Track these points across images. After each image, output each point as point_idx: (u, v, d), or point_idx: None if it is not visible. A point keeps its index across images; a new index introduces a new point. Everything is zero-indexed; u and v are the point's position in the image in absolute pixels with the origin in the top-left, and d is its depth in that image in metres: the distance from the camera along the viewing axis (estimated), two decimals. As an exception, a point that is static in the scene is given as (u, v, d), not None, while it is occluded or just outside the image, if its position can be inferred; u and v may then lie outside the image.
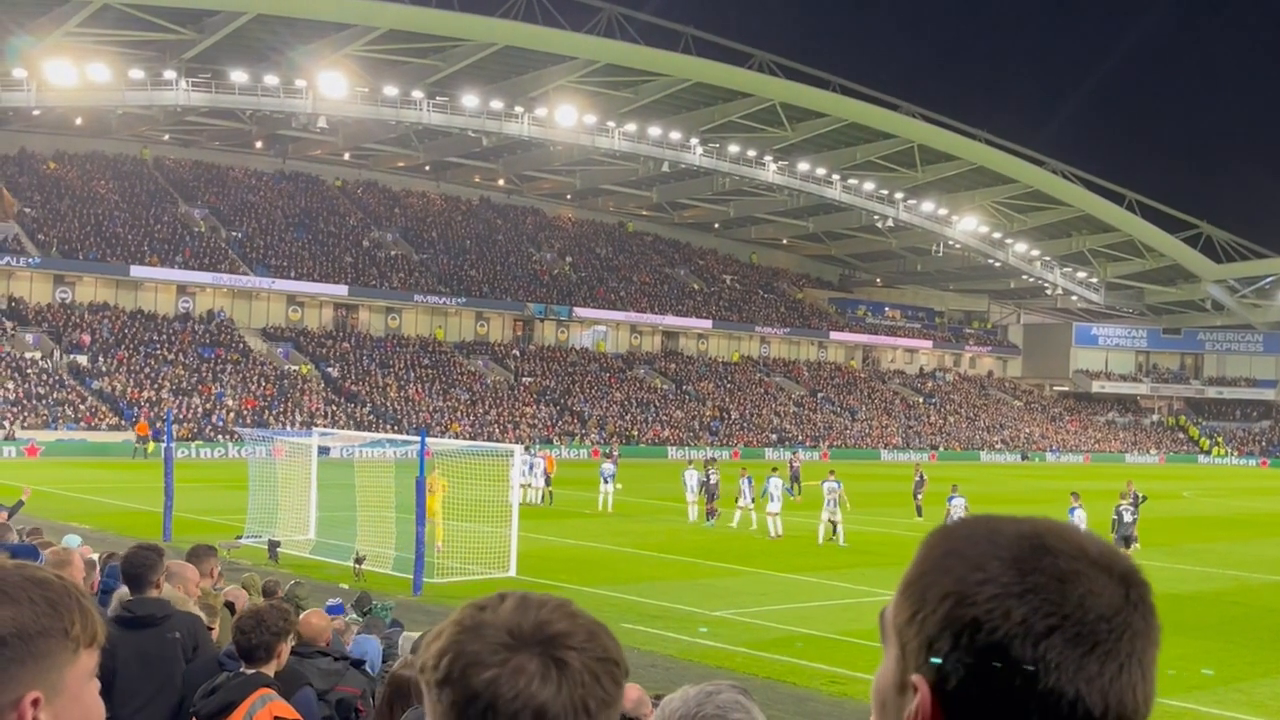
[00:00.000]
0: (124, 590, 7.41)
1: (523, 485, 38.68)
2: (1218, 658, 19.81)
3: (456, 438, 59.28)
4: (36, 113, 70.91)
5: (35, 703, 1.58)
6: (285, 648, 6.00)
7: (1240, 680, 18.37)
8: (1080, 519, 29.29)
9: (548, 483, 41.79)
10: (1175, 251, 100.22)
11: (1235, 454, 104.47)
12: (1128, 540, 29.55)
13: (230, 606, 8.63)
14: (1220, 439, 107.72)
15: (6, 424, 57.49)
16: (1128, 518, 29.94)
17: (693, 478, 37.68)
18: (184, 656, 6.66)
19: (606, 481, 40.02)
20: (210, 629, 7.43)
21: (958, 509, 31.30)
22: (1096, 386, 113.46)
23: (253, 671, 5.81)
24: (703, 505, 37.02)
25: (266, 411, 65.39)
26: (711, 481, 37.04)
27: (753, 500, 35.49)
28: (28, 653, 1.58)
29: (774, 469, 36.34)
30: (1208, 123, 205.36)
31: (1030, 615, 1.27)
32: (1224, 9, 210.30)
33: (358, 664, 8.19)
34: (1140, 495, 33.82)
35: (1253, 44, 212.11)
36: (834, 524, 32.53)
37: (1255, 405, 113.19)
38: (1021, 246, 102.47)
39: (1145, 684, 1.31)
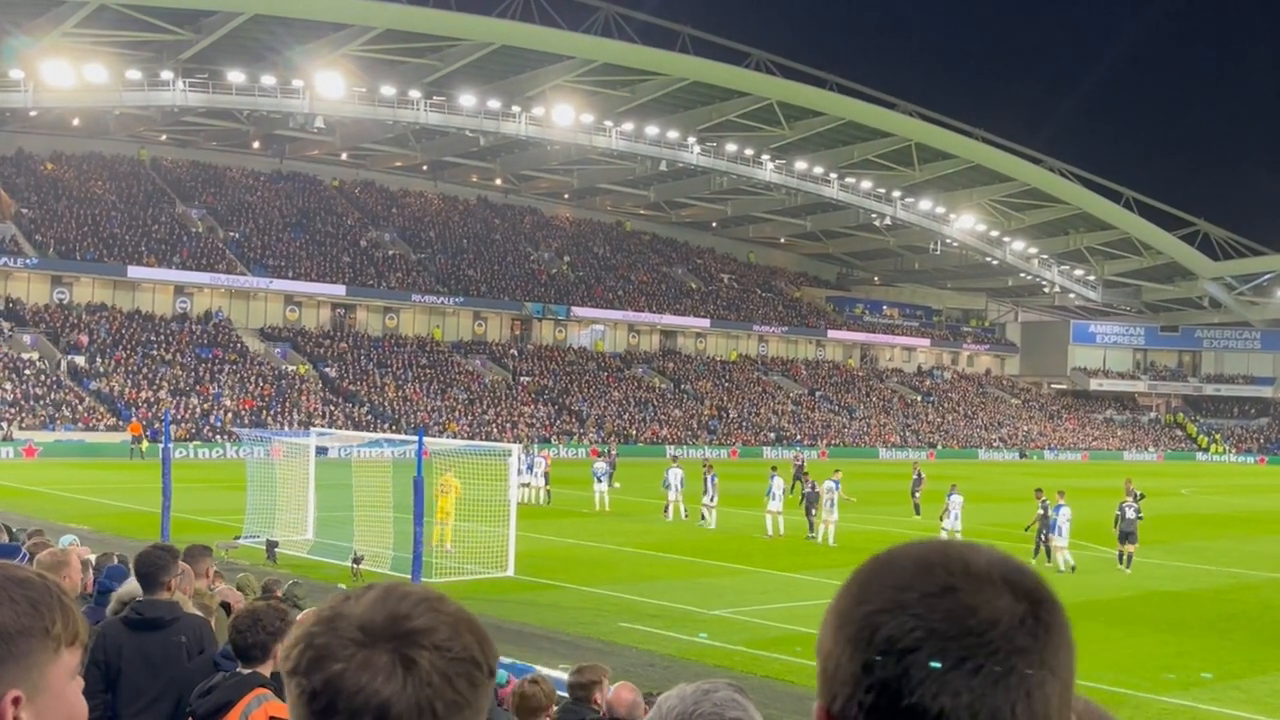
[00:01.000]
0: (124, 590, 7.38)
1: (522, 484, 38.71)
2: (1216, 655, 19.82)
3: (454, 437, 59.27)
4: (34, 113, 70.85)
5: (16, 701, 1.57)
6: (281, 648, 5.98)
7: (1239, 677, 18.36)
8: (1065, 517, 29.31)
9: (547, 482, 41.84)
10: (1173, 249, 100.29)
11: (1233, 451, 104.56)
12: (1128, 537, 29.47)
13: (225, 607, 8.62)
14: (1218, 436, 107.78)
15: (4, 425, 57.46)
16: (1130, 514, 29.98)
17: (676, 476, 37.58)
18: (189, 660, 6.65)
19: (600, 481, 40.06)
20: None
21: (955, 506, 31.36)
22: (1094, 384, 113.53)
23: (249, 671, 5.79)
24: (694, 503, 36.95)
25: (264, 411, 65.37)
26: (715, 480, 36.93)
27: (715, 498, 35.55)
28: (8, 652, 1.57)
29: (774, 468, 36.34)
30: (1205, 120, 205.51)
31: (896, 631, 1.27)
32: (1221, 7, 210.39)
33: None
34: (1138, 493, 33.83)
35: (1250, 42, 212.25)
36: (825, 523, 32.49)
37: (1253, 402, 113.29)
38: (1019, 244, 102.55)
39: (1030, 703, 1.26)
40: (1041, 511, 30.12)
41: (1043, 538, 30.03)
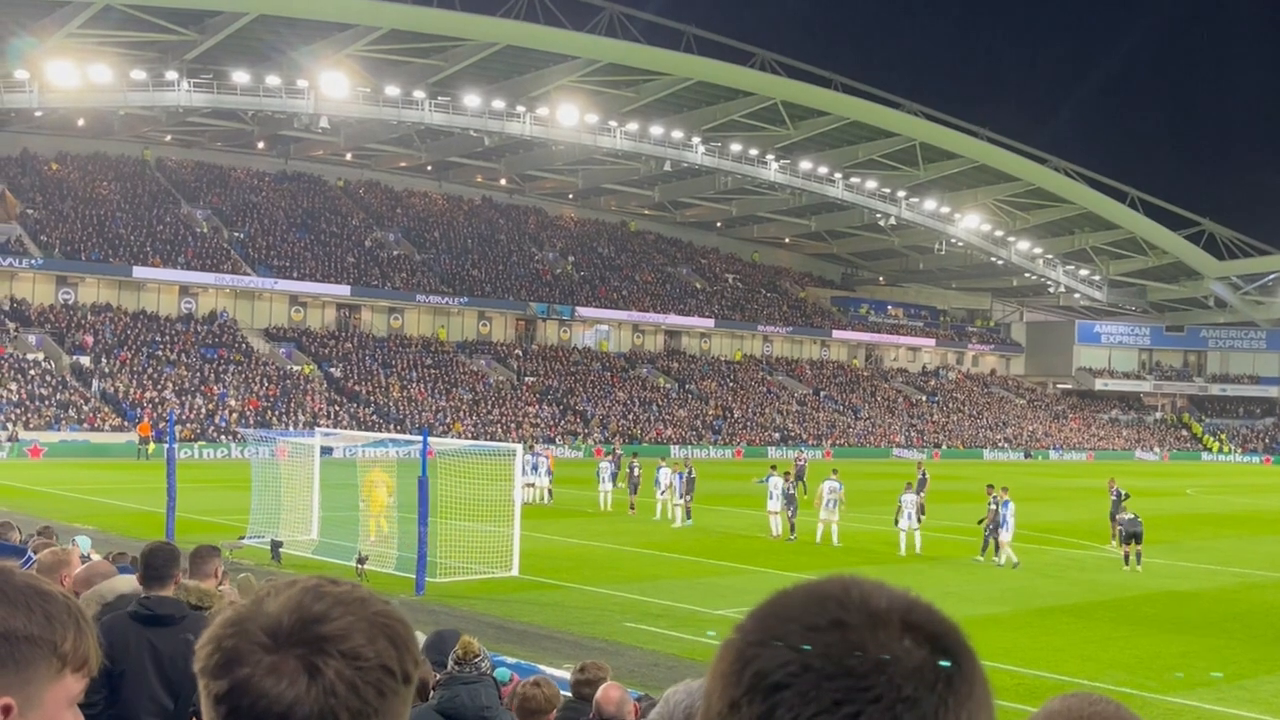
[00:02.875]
0: (105, 586, 7.38)
1: (527, 484, 38.91)
2: (1221, 655, 19.79)
3: (459, 437, 59.29)
4: (39, 114, 70.93)
5: (6, 710, 1.55)
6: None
7: (1244, 678, 18.34)
8: (1010, 512, 29.31)
9: (549, 480, 41.97)
10: (1178, 249, 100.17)
11: (1239, 451, 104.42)
12: (1135, 537, 29.33)
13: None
14: (1223, 436, 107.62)
15: (10, 425, 57.53)
16: (1127, 515, 29.89)
17: (665, 476, 37.77)
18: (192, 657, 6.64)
19: (605, 481, 40.26)
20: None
21: (909, 505, 31.21)
22: (1099, 384, 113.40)
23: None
24: (671, 503, 37.12)
25: (269, 412, 65.41)
26: (694, 477, 37.23)
27: (690, 496, 36.06)
28: (9, 655, 1.56)
29: (773, 467, 36.37)
30: (1210, 120, 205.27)
31: (767, 665, 1.18)
32: (1227, 6, 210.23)
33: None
34: (1122, 492, 33.84)
35: (1256, 41, 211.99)
36: (824, 524, 32.46)
37: (1258, 402, 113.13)
38: (1024, 244, 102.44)
39: None
40: (993, 507, 30.16)
41: (990, 534, 30.17)
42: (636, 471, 39.75)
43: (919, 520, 31.18)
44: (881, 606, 1.17)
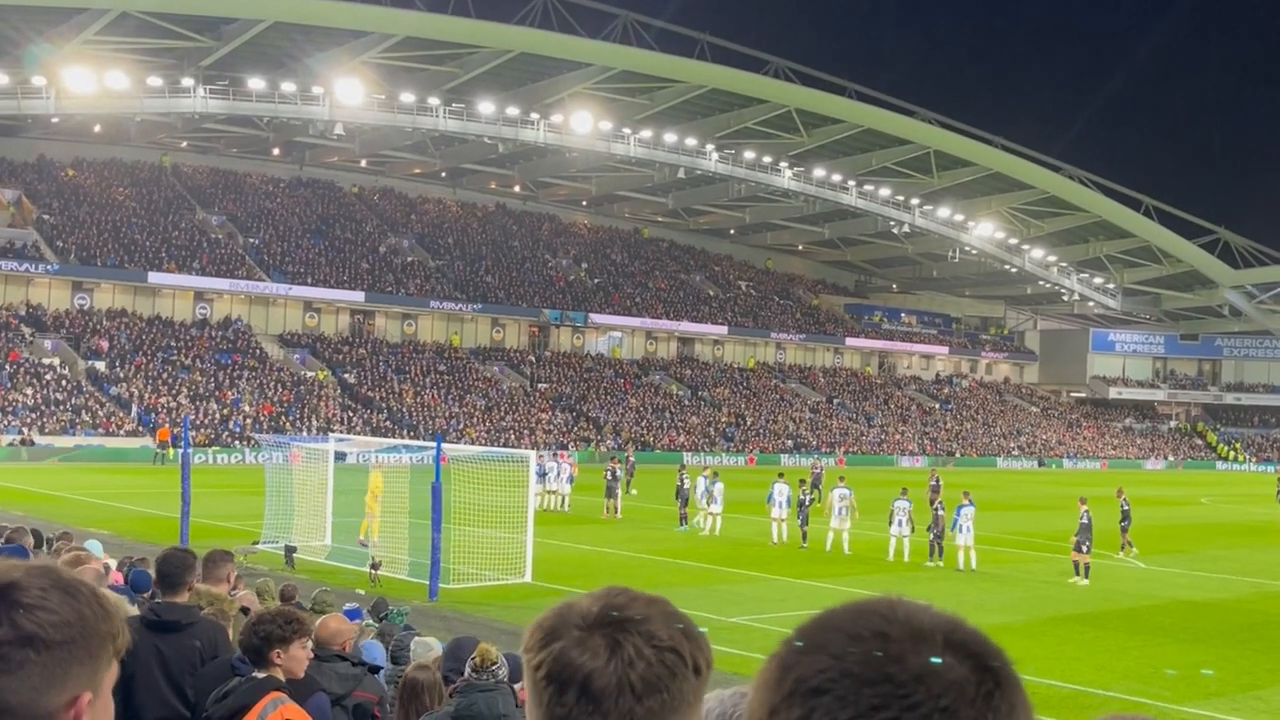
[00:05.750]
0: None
1: (550, 492, 39.10)
2: (1236, 665, 19.71)
3: (472, 444, 59.38)
4: (55, 120, 71.27)
5: (88, 702, 1.62)
6: (291, 652, 5.96)
7: (1259, 688, 18.26)
8: (967, 516, 29.25)
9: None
10: (1193, 257, 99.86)
11: (1253, 460, 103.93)
12: (1121, 547, 29.11)
13: (245, 612, 8.64)
14: (1238, 445, 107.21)
15: (25, 430, 57.74)
16: (1123, 523, 29.67)
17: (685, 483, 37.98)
18: (202, 664, 6.67)
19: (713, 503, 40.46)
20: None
21: (900, 511, 31.10)
22: (1114, 392, 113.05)
23: (264, 676, 5.80)
24: (678, 509, 37.28)
25: (283, 417, 65.54)
26: (685, 487, 37.37)
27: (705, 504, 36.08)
28: (87, 651, 1.62)
29: (779, 474, 36.35)
30: (1225, 128, 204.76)
31: (807, 671, 1.22)
32: (1241, 13, 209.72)
33: (374, 670, 8.17)
34: (1124, 504, 33.70)
35: (1271, 49, 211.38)
36: (834, 531, 32.37)
37: (1273, 411, 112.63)
38: (1038, 252, 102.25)
39: None
40: (940, 512, 30.50)
41: (933, 537, 30.48)
42: (610, 476, 39.78)
43: (911, 528, 31.04)
44: (925, 624, 1.21)
